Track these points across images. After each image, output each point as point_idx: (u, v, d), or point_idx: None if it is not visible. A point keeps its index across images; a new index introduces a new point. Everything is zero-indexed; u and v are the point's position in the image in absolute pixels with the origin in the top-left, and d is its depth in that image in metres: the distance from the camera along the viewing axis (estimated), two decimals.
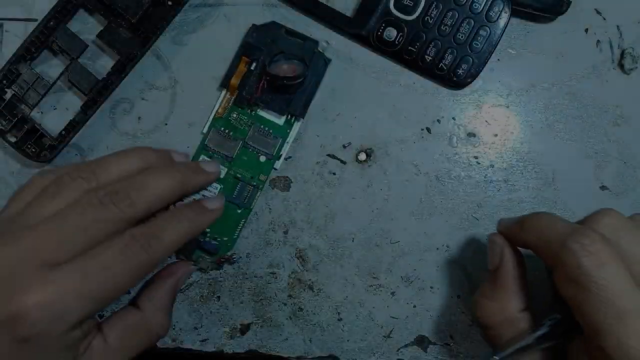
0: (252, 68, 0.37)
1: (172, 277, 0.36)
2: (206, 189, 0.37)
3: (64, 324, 0.28)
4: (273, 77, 0.35)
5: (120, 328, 0.32)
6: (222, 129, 0.37)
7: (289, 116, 0.37)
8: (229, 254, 0.37)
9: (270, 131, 0.37)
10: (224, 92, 0.37)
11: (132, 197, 0.30)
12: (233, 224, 0.37)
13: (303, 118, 0.37)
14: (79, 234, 0.29)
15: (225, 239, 0.37)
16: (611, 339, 0.24)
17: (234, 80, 0.37)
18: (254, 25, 0.37)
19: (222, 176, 0.37)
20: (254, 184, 0.37)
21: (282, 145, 0.37)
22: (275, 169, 0.38)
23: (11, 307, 0.27)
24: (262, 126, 0.37)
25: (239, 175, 0.37)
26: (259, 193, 0.37)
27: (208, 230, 0.37)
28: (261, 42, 0.37)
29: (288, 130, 0.37)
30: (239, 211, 0.37)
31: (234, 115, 0.37)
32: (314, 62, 0.36)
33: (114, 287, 0.29)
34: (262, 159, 0.37)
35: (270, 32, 0.37)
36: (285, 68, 0.36)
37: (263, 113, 0.37)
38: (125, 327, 0.32)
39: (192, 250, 0.37)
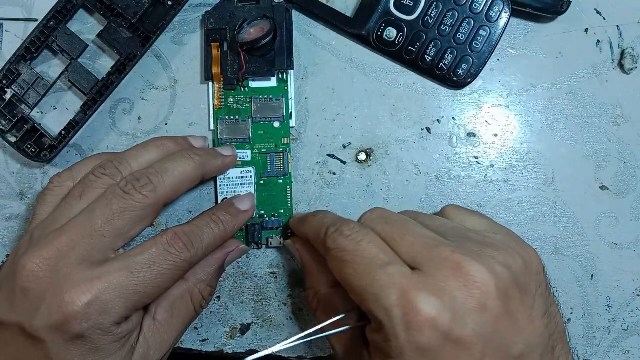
0: (225, 49, 0.37)
1: (220, 252, 0.36)
2: (241, 179, 0.37)
3: (113, 318, 0.29)
4: (248, 44, 0.36)
5: (166, 303, 0.33)
6: (227, 117, 0.38)
7: (279, 74, 0.38)
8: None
9: (270, 96, 0.37)
10: (211, 84, 0.38)
11: (154, 182, 0.31)
12: (283, 195, 0.38)
13: (292, 69, 0.38)
14: (108, 225, 0.30)
15: (281, 211, 0.38)
16: (370, 296, 0.27)
17: (215, 69, 0.37)
18: (207, 12, 0.37)
19: (249, 158, 0.37)
20: (281, 149, 0.38)
21: (287, 103, 0.38)
22: (292, 127, 0.38)
23: (62, 309, 0.28)
24: (260, 96, 0.38)
25: (264, 150, 0.38)
26: (289, 156, 0.38)
27: (262, 211, 0.37)
28: (221, 23, 0.37)
29: (285, 87, 0.38)
30: (281, 181, 0.38)
31: (231, 100, 0.38)
32: (276, 13, 0.37)
33: (159, 282, 0.30)
34: (276, 124, 0.38)
35: (224, 10, 0.37)
36: (253, 31, 0.36)
37: (255, 84, 0.38)
38: (171, 301, 0.33)
39: (260, 234, 0.37)
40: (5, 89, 0.37)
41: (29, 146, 0.37)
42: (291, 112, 0.38)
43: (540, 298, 0.28)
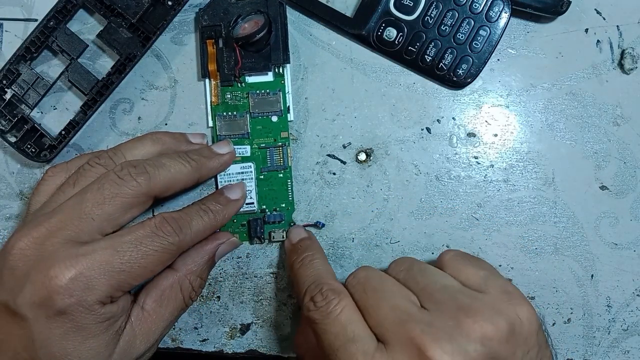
0: (220, 46, 0.37)
1: (211, 243, 0.36)
2: (241, 175, 0.37)
3: (97, 295, 0.29)
4: (243, 39, 0.35)
5: (155, 293, 0.33)
6: (224, 113, 0.38)
7: (276, 69, 0.37)
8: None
9: (267, 91, 0.37)
10: (207, 81, 0.38)
11: (149, 172, 0.31)
12: (283, 189, 0.38)
13: (289, 62, 0.37)
14: (98, 209, 0.30)
15: (283, 205, 0.38)
16: None
17: (211, 66, 0.37)
18: (200, 9, 0.37)
19: (248, 154, 0.37)
20: (280, 143, 0.38)
21: (285, 97, 0.38)
22: (291, 121, 0.38)
23: (46, 284, 0.28)
24: (257, 91, 0.37)
25: (263, 145, 0.38)
26: (289, 150, 0.38)
27: (264, 206, 0.37)
28: (215, 20, 0.37)
29: (282, 81, 0.38)
30: (281, 175, 0.38)
31: (228, 96, 0.38)
32: (270, 7, 0.37)
33: (144, 262, 0.30)
34: (274, 118, 0.38)
35: (218, 6, 0.37)
36: (247, 26, 0.36)
37: (252, 79, 0.38)
38: (160, 291, 0.33)
39: (262, 229, 0.37)
40: (5, 89, 0.37)
41: (29, 146, 0.37)
42: (289, 106, 0.38)
43: None
